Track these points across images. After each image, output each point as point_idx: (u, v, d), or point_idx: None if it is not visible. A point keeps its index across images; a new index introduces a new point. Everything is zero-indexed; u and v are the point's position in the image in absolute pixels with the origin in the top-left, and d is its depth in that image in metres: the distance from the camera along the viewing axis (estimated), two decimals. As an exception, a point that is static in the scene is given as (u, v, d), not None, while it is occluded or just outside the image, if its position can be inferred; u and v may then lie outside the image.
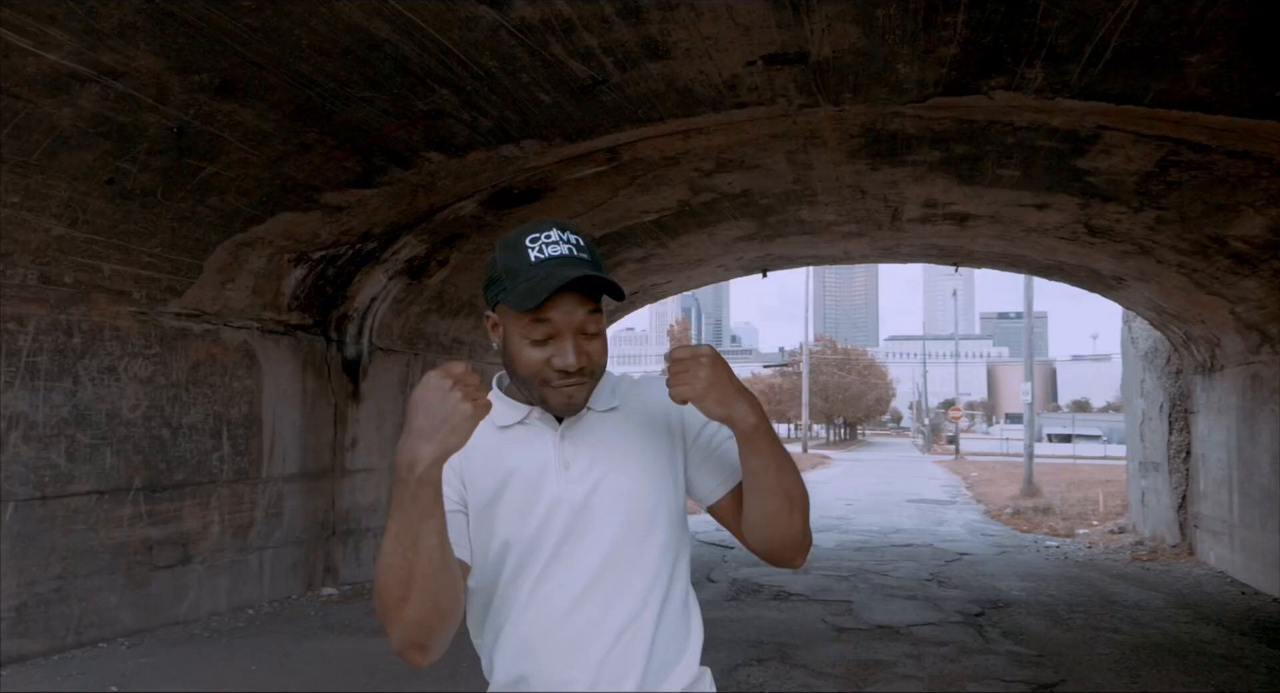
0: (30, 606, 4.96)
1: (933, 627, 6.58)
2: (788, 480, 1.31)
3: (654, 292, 12.38)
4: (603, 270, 1.34)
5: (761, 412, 1.29)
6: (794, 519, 1.33)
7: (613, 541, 1.34)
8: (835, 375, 57.96)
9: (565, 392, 1.32)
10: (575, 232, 1.35)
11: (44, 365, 5.08)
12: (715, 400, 1.26)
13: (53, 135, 4.62)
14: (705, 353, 1.27)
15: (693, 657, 1.39)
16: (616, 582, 1.33)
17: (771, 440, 1.29)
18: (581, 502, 1.35)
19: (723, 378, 1.26)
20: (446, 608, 1.20)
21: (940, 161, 7.54)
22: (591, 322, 1.32)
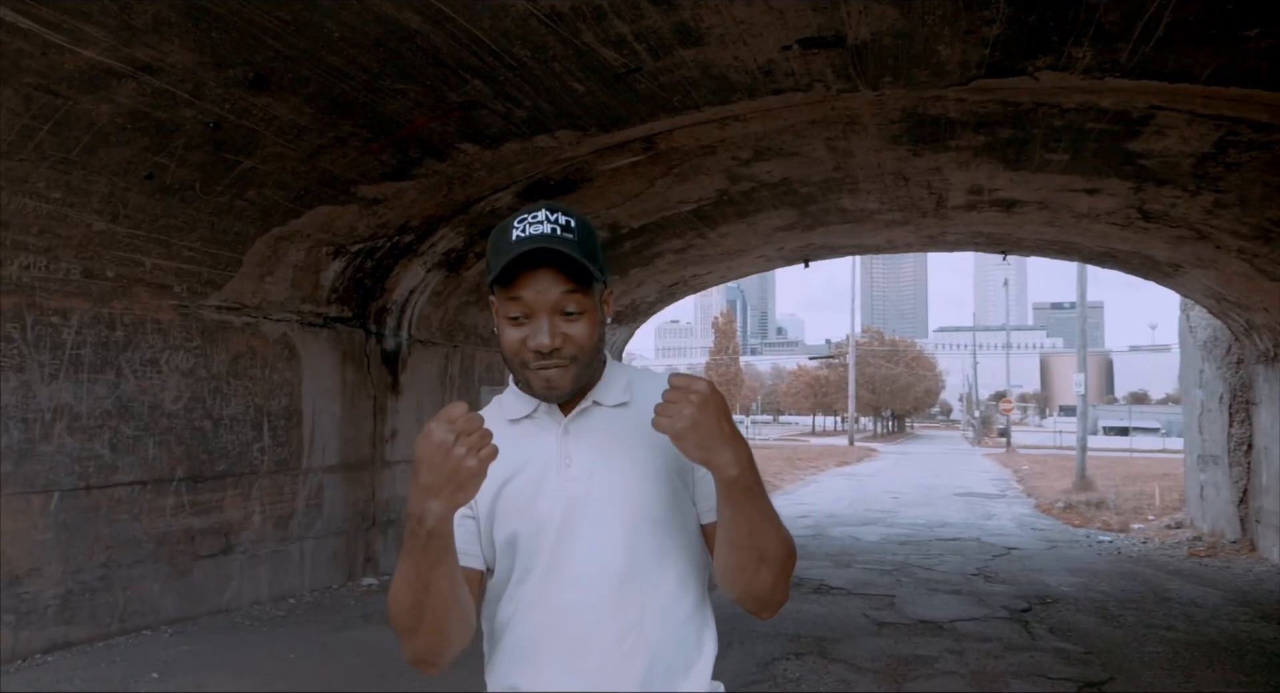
0: (76, 593, 5.07)
1: (977, 622, 6.44)
2: (763, 540, 1.22)
3: (694, 283, 12.29)
4: (590, 251, 1.29)
5: (748, 464, 1.19)
6: (760, 577, 1.24)
7: (613, 543, 1.29)
8: (882, 367, 57.28)
9: (543, 375, 1.28)
10: (568, 214, 1.30)
11: (87, 358, 5.17)
12: (695, 443, 1.16)
13: (92, 131, 4.68)
14: (698, 389, 1.16)
15: (703, 671, 1.32)
16: (616, 586, 1.28)
17: (751, 496, 1.19)
18: (579, 501, 1.30)
19: (709, 419, 1.16)
20: (455, 635, 1.24)
21: (985, 146, 7.35)
22: (571, 301, 1.27)
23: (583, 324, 1.28)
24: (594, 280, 1.28)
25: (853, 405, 44.07)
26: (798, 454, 30.56)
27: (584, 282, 1.27)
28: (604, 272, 1.32)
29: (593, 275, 1.27)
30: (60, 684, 4.51)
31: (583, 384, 1.32)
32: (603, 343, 1.34)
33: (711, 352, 55.75)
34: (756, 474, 1.20)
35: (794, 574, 5.49)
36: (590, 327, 1.29)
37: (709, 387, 1.17)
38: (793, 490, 18.20)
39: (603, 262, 1.34)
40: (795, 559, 1.26)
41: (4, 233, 4.72)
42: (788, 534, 1.26)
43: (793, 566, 1.26)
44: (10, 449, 4.77)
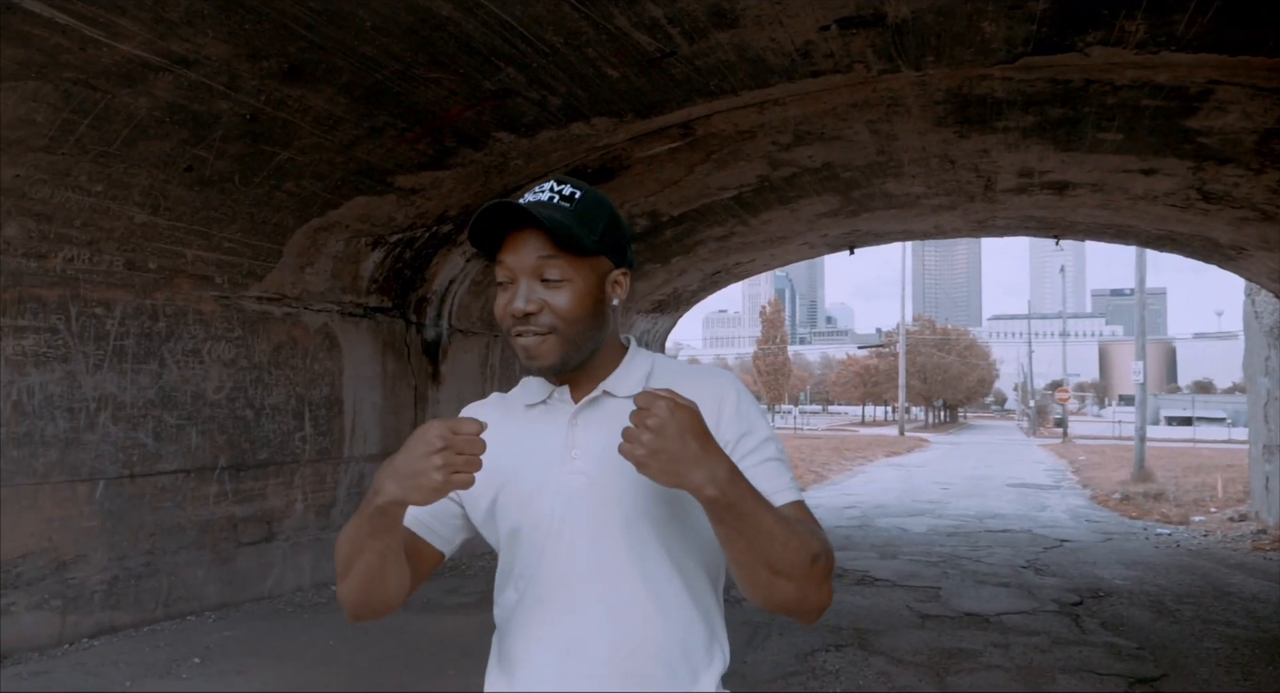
0: (121, 579, 5.18)
1: (1025, 616, 6.28)
2: (766, 554, 1.10)
3: (737, 271, 12.18)
4: (586, 221, 1.23)
5: (728, 482, 1.07)
6: (778, 588, 1.13)
7: (611, 542, 1.22)
8: (934, 356, 56.37)
9: (522, 343, 1.24)
10: (577, 187, 1.25)
11: (131, 348, 5.27)
12: (660, 470, 1.06)
13: (131, 125, 4.75)
14: (656, 411, 1.06)
15: (708, 682, 1.23)
16: (614, 589, 1.21)
17: (737, 514, 1.08)
18: (580, 495, 1.23)
19: (670, 443, 1.05)
20: (375, 601, 1.25)
21: (1034, 126, 7.14)
22: (551, 267, 1.22)
23: (564, 293, 1.22)
24: (584, 251, 1.22)
25: (903, 395, 43.47)
26: (846, 444, 30.26)
27: (570, 249, 1.22)
28: (615, 250, 1.27)
29: (581, 245, 1.21)
30: (106, 668, 4.61)
31: (572, 362, 1.25)
32: (603, 324, 1.27)
33: (759, 341, 55.43)
34: (742, 490, 1.09)
35: (836, 566, 5.33)
36: (574, 298, 1.22)
37: (668, 406, 1.06)
38: (839, 481, 18.00)
39: (616, 242, 1.27)
40: (826, 564, 1.15)
41: (48, 226, 4.82)
42: (808, 541, 1.13)
43: (822, 572, 1.14)
44: (56, 438, 4.88)
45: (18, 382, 4.69)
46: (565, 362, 1.25)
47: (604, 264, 1.26)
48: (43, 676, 4.46)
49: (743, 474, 1.11)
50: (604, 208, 1.27)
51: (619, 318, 1.32)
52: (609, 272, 1.27)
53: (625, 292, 1.28)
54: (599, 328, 1.26)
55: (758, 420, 1.25)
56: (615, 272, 1.28)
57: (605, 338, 1.29)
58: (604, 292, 1.26)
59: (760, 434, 1.24)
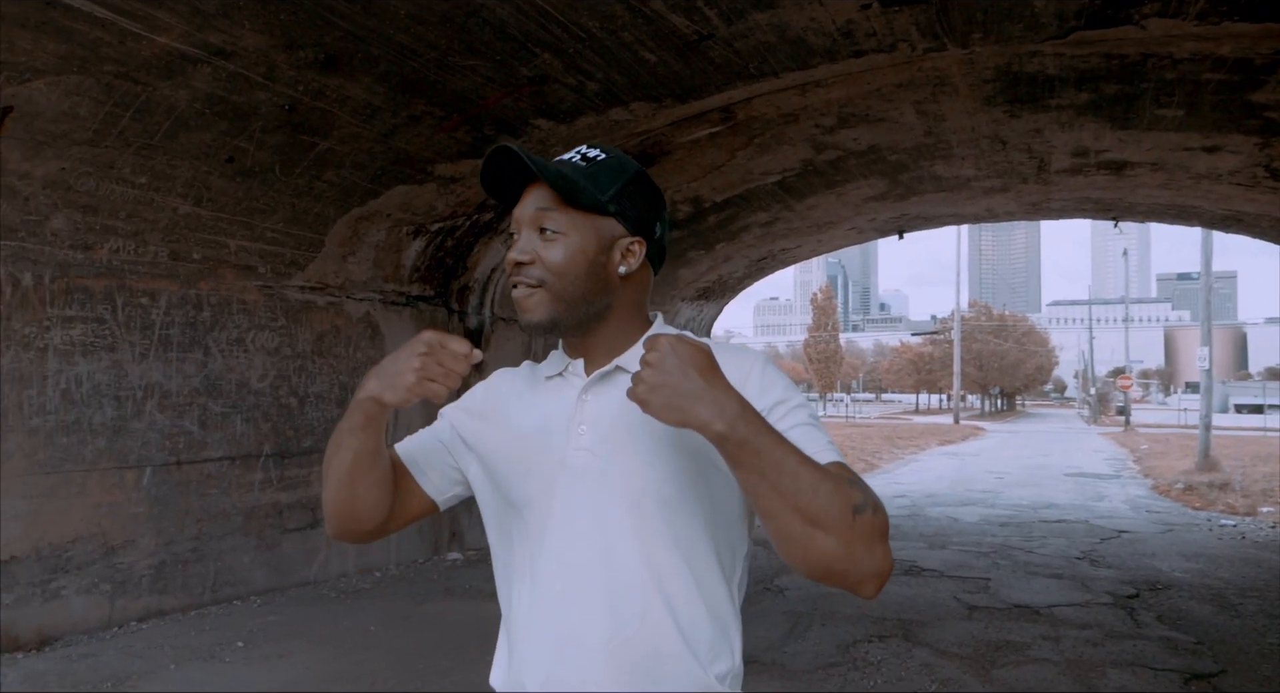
0: (169, 564, 5.30)
1: (1077, 608, 6.11)
2: (794, 497, 1.01)
3: (783, 257, 12.03)
4: (597, 179, 1.20)
5: (738, 417, 1.01)
6: (816, 543, 1.01)
7: (613, 524, 1.15)
8: (990, 343, 55.30)
9: (515, 295, 1.22)
10: (604, 150, 1.23)
11: (176, 338, 5.37)
12: (662, 406, 1.02)
13: (172, 117, 4.81)
14: (658, 345, 1.04)
15: (714, 680, 1.15)
16: (615, 574, 1.14)
17: (752, 452, 1.01)
18: (582, 473, 1.17)
19: (671, 378, 1.01)
20: (342, 505, 1.26)
21: (1089, 104, 6.90)
22: (548, 219, 1.19)
23: (557, 247, 1.18)
24: (585, 207, 1.18)
25: (957, 383, 42.72)
26: (898, 433, 29.84)
27: (571, 203, 1.18)
28: (632, 217, 1.21)
29: (578, 199, 1.18)
30: (151, 651, 4.71)
31: (564, 322, 1.20)
32: (603, 288, 1.21)
33: (810, 329, 54.90)
34: (756, 426, 1.02)
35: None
36: (567, 253, 1.18)
37: (670, 341, 1.04)
38: (890, 470, 17.76)
39: (634, 209, 1.22)
40: (875, 520, 1.03)
41: (94, 218, 4.91)
42: (846, 490, 1.03)
43: (870, 527, 1.02)
44: (104, 426, 4.99)
45: (66, 371, 4.81)
46: (555, 320, 1.20)
47: (613, 227, 1.20)
48: (91, 658, 4.58)
49: (759, 413, 1.03)
50: (624, 172, 1.22)
51: (644, 293, 1.26)
52: (620, 237, 1.21)
53: (638, 261, 1.22)
54: (597, 292, 1.21)
55: (787, 390, 1.17)
56: (628, 239, 1.22)
57: (610, 305, 1.22)
58: (609, 256, 1.20)
59: (791, 402, 1.16)
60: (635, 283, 1.23)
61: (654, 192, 1.26)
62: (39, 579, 4.66)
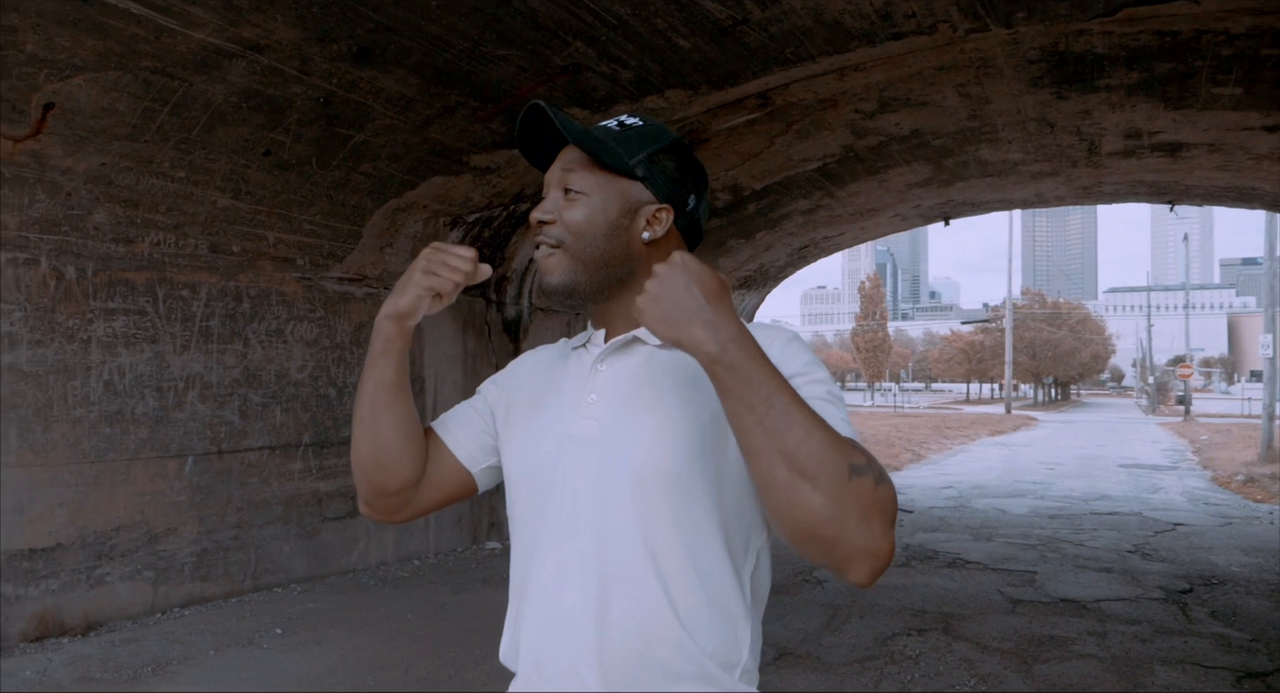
0: (210, 552, 5.40)
1: (1126, 603, 5.94)
2: (781, 438, 0.92)
3: (826, 245, 11.88)
4: (626, 142, 1.17)
5: (733, 341, 0.96)
6: (801, 498, 0.91)
7: (616, 500, 1.09)
8: (1043, 331, 54.19)
9: (537, 255, 1.19)
10: (642, 118, 1.21)
11: (216, 329, 5.46)
12: (657, 318, 0.97)
13: (209, 111, 4.88)
14: (670, 259, 1.00)
15: (720, 673, 1.08)
16: (612, 555, 1.08)
17: (744, 379, 0.94)
18: (586, 444, 1.12)
19: (673, 291, 0.97)
20: (372, 461, 1.22)
21: (1140, 84, 6.67)
22: (572, 178, 1.16)
23: (578, 207, 1.15)
24: (609, 168, 1.15)
25: (1009, 372, 41.93)
26: (947, 423, 29.40)
27: (599, 163, 1.16)
28: (661, 184, 1.17)
29: (601, 159, 1.14)
30: (192, 637, 4.81)
31: (582, 286, 1.16)
32: (624, 254, 1.16)
33: (857, 317, 54.33)
34: (751, 353, 0.95)
35: (927, 547, 5.10)
36: (586, 213, 1.15)
37: (682, 257, 1.00)
38: (937, 460, 17.49)
39: (665, 175, 1.18)
40: (877, 491, 0.93)
41: (135, 212, 5.00)
42: (845, 447, 0.93)
43: (869, 495, 0.92)
44: (146, 416, 5.09)
45: (109, 362, 4.91)
46: (573, 284, 1.16)
47: (639, 191, 1.16)
48: (133, 643, 4.68)
49: (758, 345, 0.97)
50: (657, 139, 1.18)
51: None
52: (647, 203, 1.17)
53: (663, 228, 1.17)
54: (618, 256, 1.16)
55: (809, 365, 1.10)
56: (654, 205, 1.17)
57: (632, 273, 1.17)
58: (632, 220, 1.16)
59: (809, 375, 1.09)
60: (660, 253, 1.18)
61: (691, 164, 1.21)
62: (84, 566, 4.78)
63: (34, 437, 4.60)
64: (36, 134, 4.41)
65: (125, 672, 4.25)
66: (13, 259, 4.55)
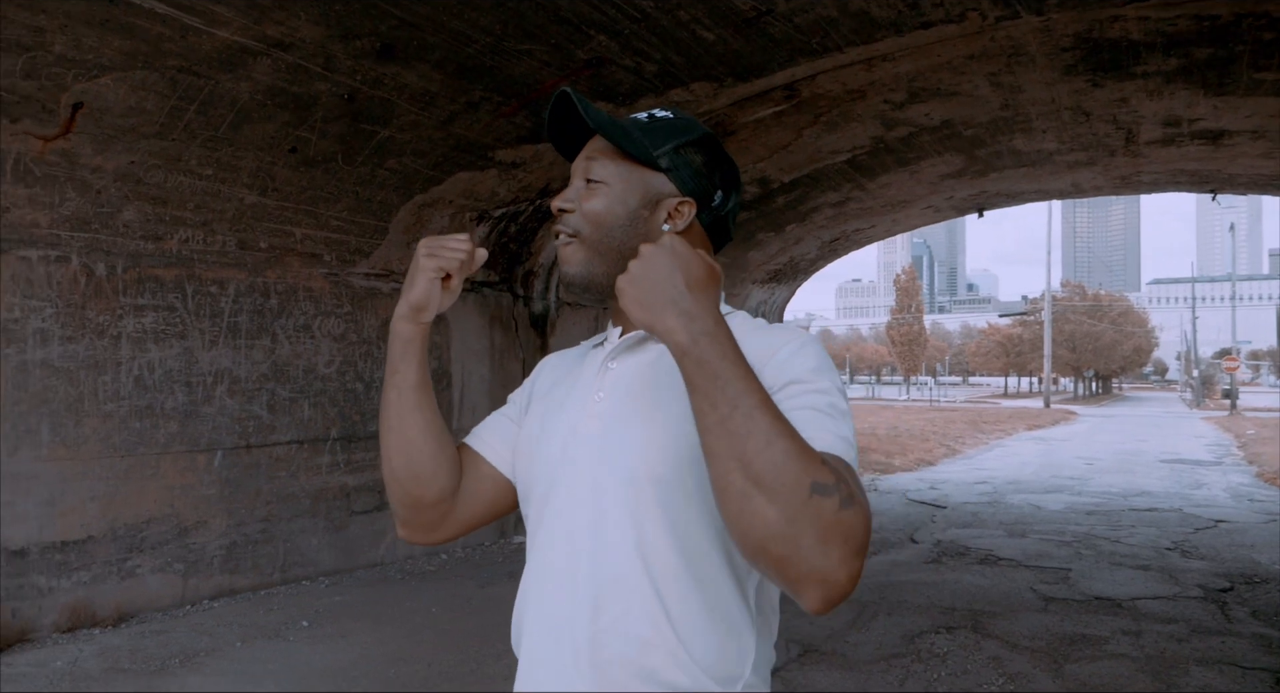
0: (239, 545, 5.47)
1: (1163, 601, 5.82)
2: (741, 443, 0.86)
3: (857, 237, 11.75)
4: (652, 133, 1.14)
5: (705, 333, 0.91)
6: (753, 509, 0.85)
7: (612, 500, 1.06)
8: (1084, 324, 53.29)
9: (557, 245, 1.17)
10: (673, 111, 1.18)
11: (244, 325, 5.52)
12: (634, 299, 0.94)
13: (235, 109, 4.92)
14: (660, 241, 0.97)
15: (709, 686, 1.03)
16: (606, 555, 1.05)
17: (711, 376, 0.89)
18: (588, 442, 1.10)
19: (654, 273, 0.94)
20: (405, 471, 1.19)
21: (1178, 70, 6.51)
22: (594, 167, 1.14)
23: (597, 197, 1.13)
24: (631, 157, 1.13)
25: (1048, 365, 41.28)
26: (984, 417, 29.03)
27: (622, 152, 1.13)
28: (685, 177, 1.14)
29: (622, 146, 1.12)
30: (220, 629, 4.87)
31: (597, 277, 1.14)
32: (641, 245, 1.15)
33: (893, 311, 53.80)
34: (724, 350, 0.90)
35: (959, 543, 5.00)
36: (605, 201, 1.13)
37: (671, 240, 0.96)
38: (972, 455, 17.26)
39: (690, 169, 1.14)
40: (844, 517, 0.85)
41: (163, 209, 5.07)
42: (812, 462, 0.86)
43: (830, 518, 0.84)
44: (176, 410, 5.17)
45: (139, 357, 4.99)
46: (589, 276, 1.14)
47: (662, 183, 1.14)
48: (162, 635, 4.76)
49: (734, 341, 0.92)
50: (685, 132, 1.15)
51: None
52: (669, 196, 1.14)
53: (684, 222, 1.14)
54: (636, 250, 1.11)
55: (814, 372, 1.03)
56: (676, 198, 1.14)
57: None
58: (652, 212, 1.14)
59: (811, 384, 1.02)
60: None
61: (721, 159, 1.18)
62: (115, 558, 4.87)
63: (66, 431, 4.68)
64: (66, 133, 4.48)
65: (153, 663, 4.32)
66: (44, 256, 4.63)
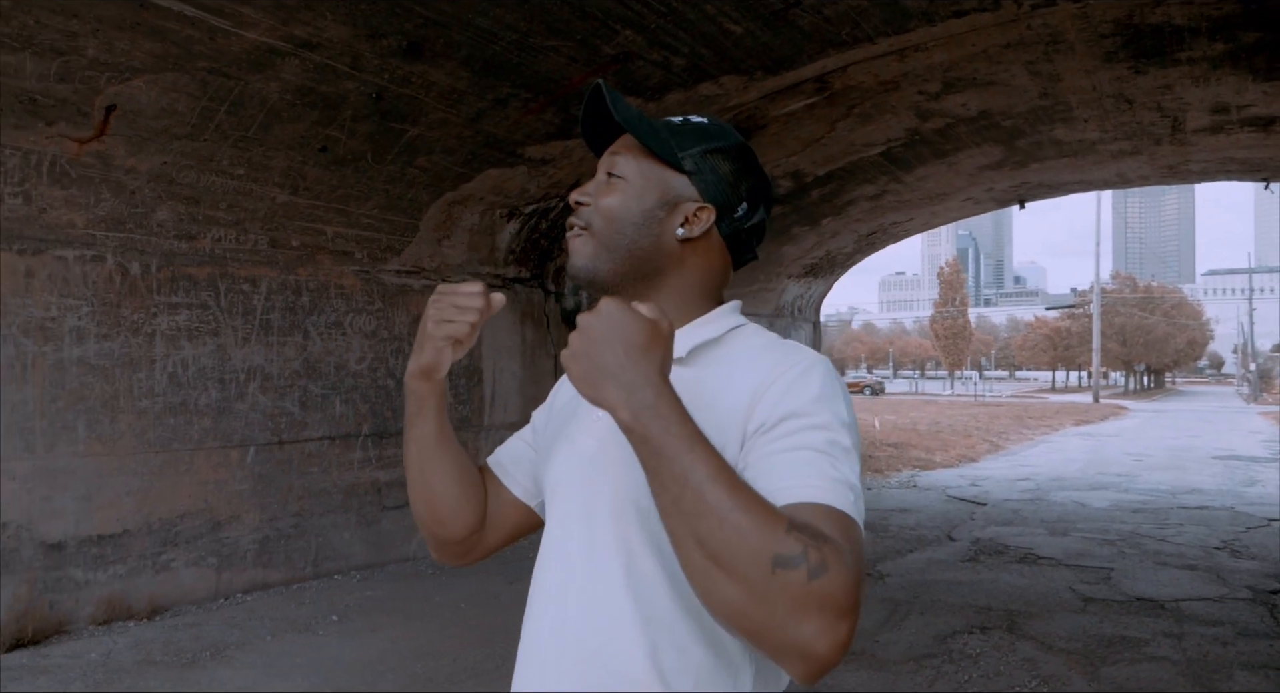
0: (272, 539, 5.55)
1: (1208, 603, 5.66)
2: (695, 523, 0.82)
3: (895, 230, 11.60)
4: (681, 135, 1.10)
5: (647, 408, 0.86)
6: (717, 587, 0.81)
7: (600, 522, 1.03)
8: (1135, 317, 52.11)
9: (568, 237, 1.14)
10: (709, 118, 1.14)
11: (276, 322, 5.60)
12: (578, 376, 0.90)
13: (265, 109, 4.98)
14: (596, 307, 0.92)
15: None
16: (593, 580, 1.02)
17: (652, 453, 0.85)
18: (584, 461, 1.08)
19: (592, 348, 0.89)
20: (429, 515, 1.22)
21: (1225, 55, 6.31)
22: (616, 162, 1.11)
23: (614, 193, 1.09)
24: (660, 157, 1.09)
25: (1097, 359, 40.43)
26: (1030, 412, 28.53)
27: (646, 148, 1.10)
28: (708, 182, 1.09)
29: (645, 142, 1.09)
30: (252, 622, 4.95)
31: (601, 273, 1.10)
32: (652, 247, 1.09)
33: (936, 304, 53.08)
34: (667, 423, 0.85)
35: (997, 541, 4.92)
36: (620, 197, 1.09)
37: (609, 305, 0.91)
38: (1016, 451, 16.97)
39: (715, 175, 1.10)
40: (810, 581, 0.79)
41: (196, 209, 5.15)
42: (775, 534, 0.80)
43: (797, 587, 0.79)
44: (209, 407, 5.26)
45: (173, 355, 5.08)
46: (594, 270, 1.10)
47: (684, 186, 1.09)
48: (195, 628, 4.85)
49: (680, 409, 0.86)
50: (716, 138, 1.11)
51: (708, 273, 1.12)
52: (688, 200, 1.09)
53: (700, 229, 1.09)
54: (646, 251, 1.09)
55: (814, 404, 0.95)
56: (695, 203, 1.09)
57: (660, 271, 1.10)
58: (668, 214, 1.09)
59: (808, 418, 0.94)
60: (696, 256, 1.11)
61: (752, 171, 1.13)
62: (150, 552, 4.97)
63: (102, 427, 4.79)
64: (100, 135, 4.57)
65: (184, 655, 4.40)
66: (80, 256, 4.74)
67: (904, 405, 32.22)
